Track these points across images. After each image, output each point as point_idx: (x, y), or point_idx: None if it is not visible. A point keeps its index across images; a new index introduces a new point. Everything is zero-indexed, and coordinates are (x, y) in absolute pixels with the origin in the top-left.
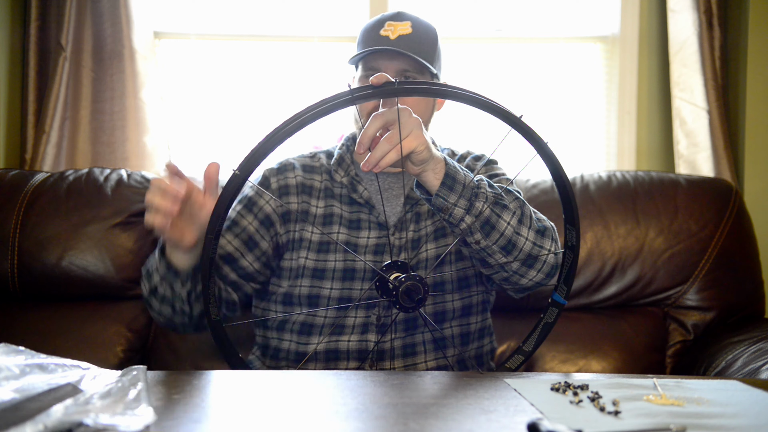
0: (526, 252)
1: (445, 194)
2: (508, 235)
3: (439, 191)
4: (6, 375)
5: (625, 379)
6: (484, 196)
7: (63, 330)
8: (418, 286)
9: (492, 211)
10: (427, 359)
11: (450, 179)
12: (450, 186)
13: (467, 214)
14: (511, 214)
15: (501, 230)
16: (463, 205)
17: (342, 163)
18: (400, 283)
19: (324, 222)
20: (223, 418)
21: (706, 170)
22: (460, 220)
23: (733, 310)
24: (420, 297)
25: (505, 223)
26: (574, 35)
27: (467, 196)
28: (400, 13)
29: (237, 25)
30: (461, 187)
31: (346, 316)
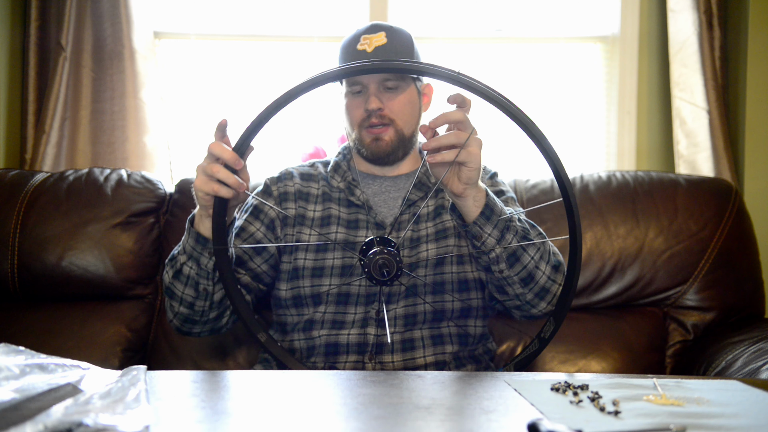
0: (541, 285)
1: (482, 224)
2: (529, 269)
3: (477, 220)
4: (6, 375)
5: (625, 379)
6: (514, 229)
7: (63, 330)
8: (391, 261)
9: (519, 245)
10: (425, 354)
11: (489, 210)
12: (488, 216)
13: (498, 245)
14: (536, 250)
15: (524, 263)
16: (495, 235)
17: (338, 169)
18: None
19: (322, 224)
20: (223, 418)
21: (706, 170)
22: (491, 250)
23: (733, 310)
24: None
25: (529, 257)
26: (574, 35)
27: (501, 227)
28: (374, 25)
29: (237, 25)
30: (497, 218)
31: (346, 312)
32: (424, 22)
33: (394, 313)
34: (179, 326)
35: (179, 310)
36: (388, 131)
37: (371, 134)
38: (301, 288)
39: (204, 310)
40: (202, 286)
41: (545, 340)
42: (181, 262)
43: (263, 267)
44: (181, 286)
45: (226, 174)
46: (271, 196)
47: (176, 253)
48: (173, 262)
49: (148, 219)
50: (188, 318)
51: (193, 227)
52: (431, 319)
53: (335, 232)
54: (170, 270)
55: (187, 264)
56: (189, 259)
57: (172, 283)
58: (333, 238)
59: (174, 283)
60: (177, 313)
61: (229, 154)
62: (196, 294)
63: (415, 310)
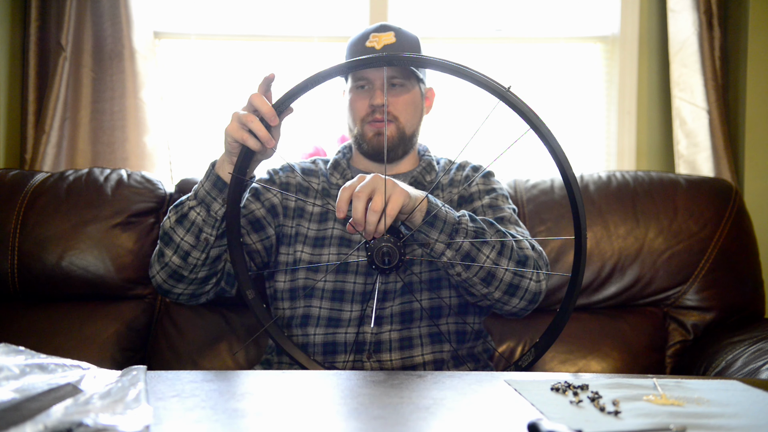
0: (507, 282)
1: (426, 230)
2: (487, 268)
3: (420, 227)
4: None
5: (625, 379)
6: (464, 231)
7: (63, 330)
8: (395, 251)
9: (472, 245)
10: (424, 352)
11: (431, 216)
12: (431, 222)
13: (448, 249)
14: (491, 249)
15: (481, 263)
16: (443, 240)
17: (338, 167)
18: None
19: (320, 219)
20: (223, 419)
21: (706, 170)
22: (441, 254)
23: (733, 310)
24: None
25: (485, 256)
26: (574, 35)
27: (448, 231)
28: (384, 25)
29: (237, 25)
30: (442, 223)
31: (342, 310)
32: (424, 22)
33: (391, 310)
34: (163, 281)
35: (171, 260)
36: (390, 127)
37: (374, 128)
38: (296, 280)
39: (196, 264)
40: (205, 235)
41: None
42: (189, 206)
43: (257, 246)
44: (182, 231)
45: (259, 126)
46: (274, 184)
47: (185, 199)
48: (179, 207)
49: (148, 219)
50: (176, 272)
51: (214, 170)
52: (428, 316)
53: (332, 228)
54: (173, 215)
55: (196, 209)
56: (199, 205)
57: (172, 228)
58: (329, 233)
59: (175, 228)
60: (166, 265)
61: (267, 108)
62: (196, 242)
63: (411, 307)
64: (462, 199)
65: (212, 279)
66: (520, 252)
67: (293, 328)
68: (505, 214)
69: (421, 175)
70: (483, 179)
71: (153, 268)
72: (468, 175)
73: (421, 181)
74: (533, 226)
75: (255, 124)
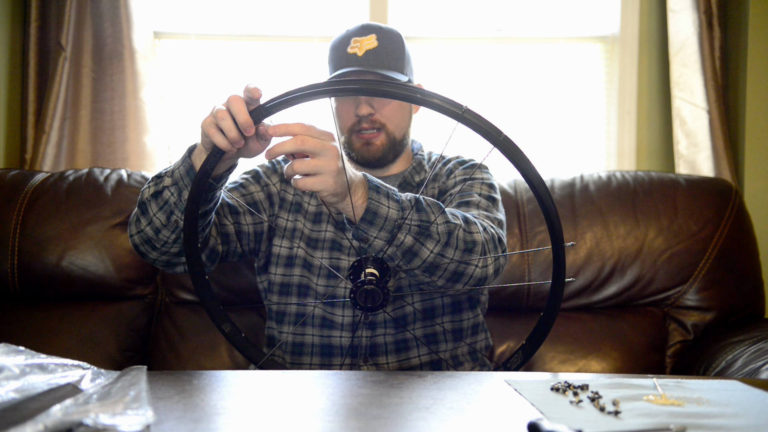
0: (451, 271)
1: (365, 228)
2: (429, 261)
3: (359, 225)
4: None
5: (625, 379)
6: (407, 227)
7: (63, 330)
8: (378, 293)
9: (416, 241)
10: (420, 354)
11: (371, 214)
12: (370, 221)
13: (388, 245)
14: (435, 243)
15: (423, 257)
16: (383, 237)
17: None
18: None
19: (314, 219)
20: (222, 418)
21: (706, 170)
22: (379, 251)
23: (733, 310)
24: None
25: (428, 251)
26: (574, 35)
27: (389, 228)
28: (364, 27)
29: (237, 25)
30: (383, 221)
31: (333, 314)
32: (424, 22)
33: (384, 317)
34: (138, 244)
35: (144, 229)
36: (379, 136)
37: (362, 139)
38: (291, 276)
39: (167, 242)
40: (175, 217)
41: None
42: (165, 185)
43: (249, 228)
44: (155, 207)
45: (230, 125)
46: (276, 173)
47: (163, 173)
48: (158, 180)
49: None
50: (149, 241)
51: (190, 157)
52: (422, 318)
53: (325, 230)
54: (152, 187)
55: (170, 189)
56: (173, 185)
57: (148, 200)
58: (323, 236)
59: (150, 201)
60: (141, 231)
61: (244, 115)
62: (167, 222)
63: (404, 311)
64: (441, 193)
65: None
66: (468, 238)
67: (286, 325)
68: (472, 199)
69: (411, 176)
70: (464, 171)
71: (131, 228)
72: (450, 168)
73: (410, 182)
74: (533, 226)
75: (226, 123)
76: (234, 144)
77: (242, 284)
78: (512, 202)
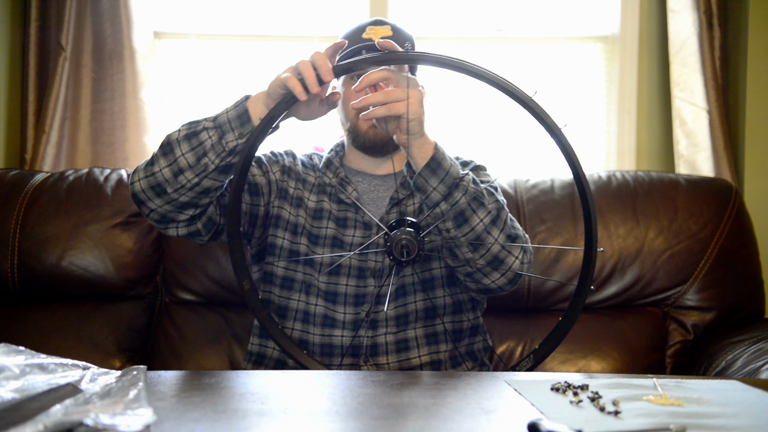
0: (493, 253)
1: (427, 176)
2: (478, 231)
3: (421, 171)
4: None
5: (625, 379)
6: (464, 188)
7: (63, 330)
8: (413, 244)
9: (468, 205)
10: (420, 354)
11: (435, 163)
12: (433, 169)
13: (444, 201)
14: (486, 213)
15: (472, 225)
16: (441, 190)
17: (330, 165)
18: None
19: (314, 215)
20: (222, 418)
21: (706, 170)
22: (435, 204)
23: (733, 310)
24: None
25: (478, 219)
26: (574, 35)
27: (448, 183)
28: (379, 20)
29: (237, 25)
30: (444, 173)
31: (335, 311)
32: (424, 21)
33: (385, 314)
34: (141, 190)
35: (161, 171)
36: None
37: (368, 122)
38: (293, 272)
39: (184, 185)
40: (206, 160)
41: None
42: (204, 127)
43: (246, 207)
44: (186, 147)
45: (311, 73)
46: (277, 163)
47: (201, 119)
48: (193, 124)
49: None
50: (161, 184)
51: (245, 103)
52: (423, 317)
53: (326, 227)
54: (185, 129)
55: (210, 131)
56: (214, 129)
57: (178, 141)
58: (324, 233)
59: (181, 141)
60: (153, 174)
61: (327, 67)
62: (195, 163)
63: (405, 310)
64: None
65: (189, 210)
66: (511, 227)
67: (288, 320)
68: None
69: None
70: (468, 167)
71: (136, 174)
72: None
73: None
74: (533, 226)
75: (309, 73)
76: (311, 88)
77: None
78: (512, 202)
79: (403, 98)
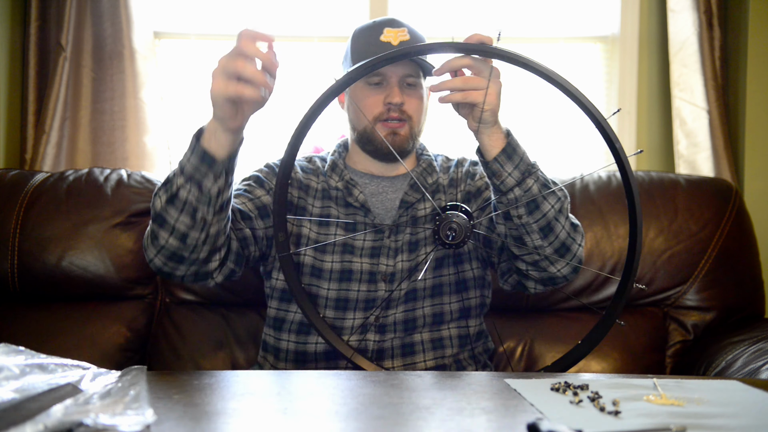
0: (561, 240)
1: (503, 161)
2: (549, 218)
3: (498, 157)
4: (6, 375)
5: (625, 379)
6: (536, 175)
7: (63, 330)
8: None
9: (540, 191)
10: (426, 358)
11: (511, 149)
12: (509, 155)
13: (518, 187)
14: (556, 200)
15: (544, 211)
16: (516, 176)
17: (335, 168)
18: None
19: (320, 222)
20: (222, 418)
21: (706, 170)
22: (509, 190)
23: (733, 310)
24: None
25: (549, 205)
26: (574, 35)
27: (522, 169)
28: (394, 20)
29: (237, 25)
30: (519, 159)
31: (344, 318)
32: (424, 22)
33: (394, 318)
34: (162, 264)
35: (168, 243)
36: (404, 127)
37: (387, 128)
38: None
39: (196, 244)
40: (201, 214)
41: None
42: (178, 185)
43: (262, 232)
44: (175, 212)
45: (253, 71)
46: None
47: (171, 176)
48: (168, 185)
49: (148, 219)
50: (175, 253)
51: (200, 143)
52: (431, 322)
53: (334, 234)
54: (163, 195)
55: (185, 187)
56: (188, 182)
57: (165, 209)
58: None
59: (167, 209)
60: (163, 247)
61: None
62: (193, 222)
63: (414, 314)
64: (469, 195)
65: (215, 256)
66: (572, 216)
67: (285, 333)
68: None
69: (423, 177)
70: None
71: (149, 252)
72: (469, 170)
73: (422, 182)
74: None
75: (248, 69)
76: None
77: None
78: None
79: (480, 87)
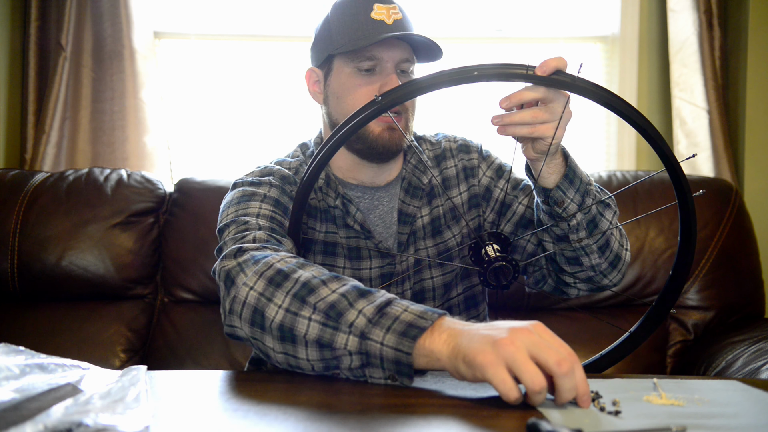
0: (615, 252)
1: (566, 188)
2: (607, 236)
3: (560, 184)
4: (6, 375)
5: (625, 379)
6: (593, 194)
7: (63, 330)
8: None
9: (597, 210)
10: None
11: (572, 172)
12: (571, 180)
13: (579, 211)
14: (612, 214)
15: (603, 228)
16: (577, 200)
17: (330, 182)
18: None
19: (325, 251)
20: (222, 418)
21: (706, 170)
22: (571, 216)
23: (733, 310)
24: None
25: (607, 221)
26: (574, 35)
27: (582, 191)
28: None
29: (237, 25)
30: (579, 181)
31: None
32: (424, 21)
33: None
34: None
35: (272, 350)
36: (400, 121)
37: (384, 123)
38: None
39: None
40: (336, 371)
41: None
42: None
43: None
44: (316, 354)
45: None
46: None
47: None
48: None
49: (148, 219)
50: (268, 356)
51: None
52: None
53: (342, 267)
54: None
55: (352, 355)
56: (359, 354)
57: (306, 341)
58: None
59: (310, 344)
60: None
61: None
62: (323, 369)
63: None
64: (477, 198)
65: None
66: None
67: None
68: None
69: (416, 177)
70: (485, 161)
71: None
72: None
73: (417, 185)
74: None
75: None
76: None
77: None
78: None
79: (551, 120)
